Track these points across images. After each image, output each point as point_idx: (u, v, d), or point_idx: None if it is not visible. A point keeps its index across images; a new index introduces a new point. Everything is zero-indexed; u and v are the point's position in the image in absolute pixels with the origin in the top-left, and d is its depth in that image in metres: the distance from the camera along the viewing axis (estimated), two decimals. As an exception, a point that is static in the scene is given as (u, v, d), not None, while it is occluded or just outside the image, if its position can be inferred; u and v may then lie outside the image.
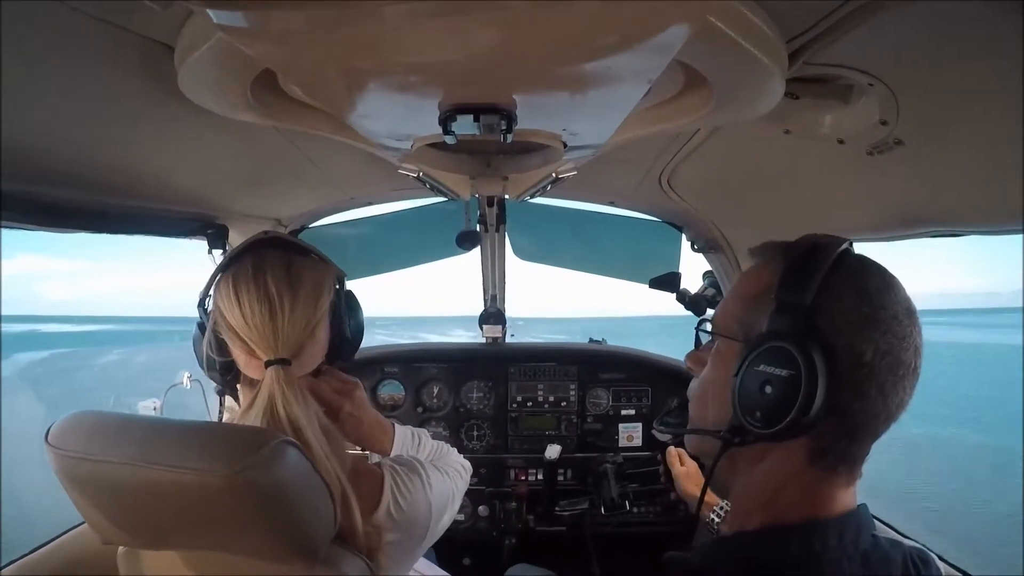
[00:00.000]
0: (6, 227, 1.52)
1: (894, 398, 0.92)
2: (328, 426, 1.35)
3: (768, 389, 0.94)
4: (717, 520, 2.03)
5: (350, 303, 1.50)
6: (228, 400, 2.31)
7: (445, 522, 1.52)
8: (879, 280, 0.95)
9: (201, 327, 1.41)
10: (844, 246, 0.98)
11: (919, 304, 0.97)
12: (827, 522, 0.93)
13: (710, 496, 2.10)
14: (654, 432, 3.00)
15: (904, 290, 0.95)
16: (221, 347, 1.37)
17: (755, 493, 1.02)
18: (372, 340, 3.29)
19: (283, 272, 1.35)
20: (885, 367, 0.90)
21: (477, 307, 3.53)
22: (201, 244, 2.38)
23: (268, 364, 1.31)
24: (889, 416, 0.93)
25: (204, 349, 1.41)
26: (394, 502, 1.36)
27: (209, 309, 1.40)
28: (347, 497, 1.26)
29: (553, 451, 2.97)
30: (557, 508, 3.08)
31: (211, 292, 1.40)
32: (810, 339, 0.91)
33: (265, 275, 1.33)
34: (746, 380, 0.98)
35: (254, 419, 1.28)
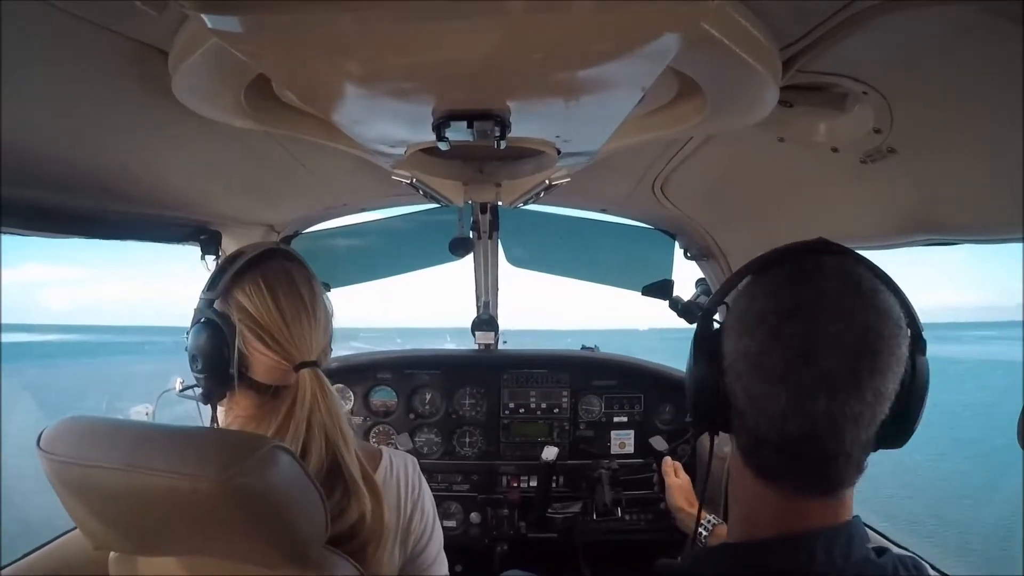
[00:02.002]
0: (-1, 232, 1.51)
1: (768, 406, 0.91)
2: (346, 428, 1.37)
3: (686, 381, 1.08)
4: (704, 534, 2.03)
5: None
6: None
7: (428, 526, 1.54)
8: (776, 285, 0.96)
9: (214, 329, 1.32)
10: (800, 247, 1.00)
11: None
12: (811, 536, 0.93)
13: (696, 510, 2.12)
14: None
15: (811, 295, 0.92)
16: (241, 352, 1.33)
17: (732, 500, 1.07)
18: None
19: (306, 281, 1.40)
20: (748, 370, 0.94)
21: (463, 318, 3.54)
22: (193, 250, 2.38)
23: (301, 367, 1.33)
24: (777, 428, 0.92)
25: (218, 352, 1.31)
26: (392, 476, 1.46)
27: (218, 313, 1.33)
28: (375, 488, 1.34)
29: (550, 452, 2.97)
30: (550, 511, 3.08)
31: (228, 294, 1.34)
32: (700, 344, 1.02)
33: (295, 281, 1.37)
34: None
35: (296, 425, 1.29)
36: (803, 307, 0.91)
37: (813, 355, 0.88)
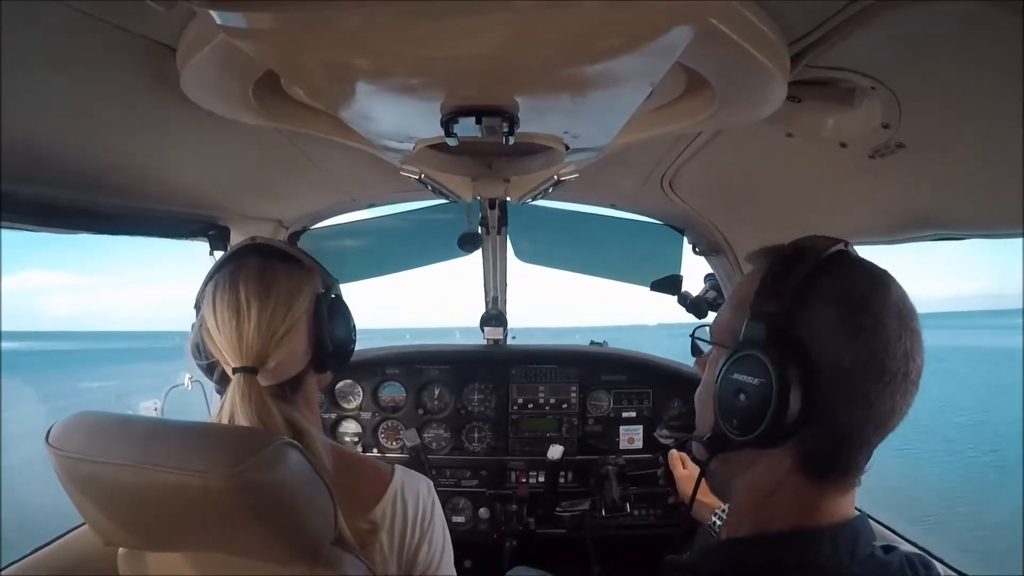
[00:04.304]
0: (8, 228, 1.52)
1: (881, 407, 0.90)
2: (304, 430, 1.33)
3: (743, 397, 0.95)
4: (719, 523, 2.02)
5: (336, 311, 1.47)
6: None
7: (436, 558, 1.46)
8: (865, 283, 0.94)
9: (193, 332, 1.41)
10: (834, 248, 0.97)
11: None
12: (821, 531, 0.93)
13: (711, 499, 2.10)
14: (656, 436, 3.02)
15: (897, 293, 0.93)
16: (206, 349, 1.38)
17: (748, 498, 1.03)
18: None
19: (256, 280, 1.34)
20: (867, 374, 0.89)
21: (470, 317, 3.54)
22: (203, 246, 2.39)
23: (235, 371, 1.31)
24: (880, 425, 0.91)
25: (196, 351, 1.41)
26: (400, 500, 1.38)
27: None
28: None
29: (555, 451, 2.97)
30: (558, 509, 3.08)
31: (202, 297, 1.40)
32: (782, 347, 0.92)
33: (238, 283, 1.33)
34: (724, 387, 0.99)
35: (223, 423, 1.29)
36: (901, 308, 0.91)
37: (915, 352, 0.91)
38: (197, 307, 1.41)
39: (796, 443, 0.94)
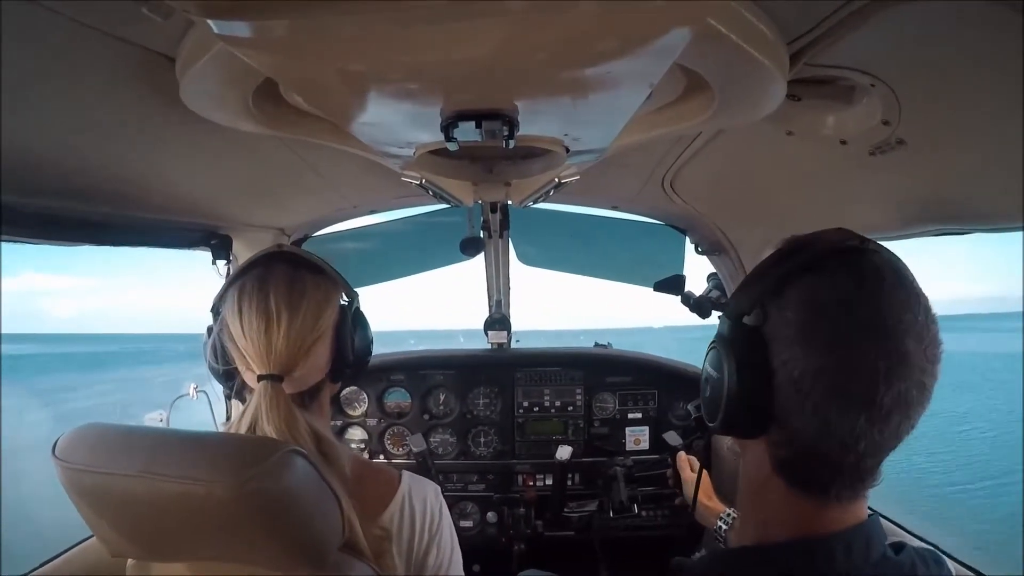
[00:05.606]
0: (10, 241, 1.52)
1: (839, 428, 0.85)
2: (325, 438, 1.33)
3: (708, 388, 1.00)
4: (724, 528, 2.01)
5: (357, 323, 1.48)
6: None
7: (445, 562, 1.45)
8: (844, 294, 0.88)
9: (210, 337, 1.41)
10: (841, 246, 0.93)
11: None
12: (830, 538, 0.91)
13: (715, 504, 2.09)
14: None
15: (885, 309, 0.85)
16: (225, 354, 1.38)
17: (745, 490, 1.03)
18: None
19: (286, 288, 1.34)
20: (821, 390, 0.86)
21: (474, 319, 3.55)
22: (205, 255, 2.39)
23: (260, 379, 1.31)
24: (846, 448, 0.87)
25: (208, 354, 1.41)
26: (408, 505, 1.38)
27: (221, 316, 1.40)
28: (345, 508, 1.26)
29: (564, 452, 2.96)
30: (566, 510, 3.08)
31: (223, 301, 1.39)
32: (741, 346, 0.92)
33: (268, 290, 1.33)
34: (703, 373, 1.03)
35: (242, 431, 1.28)
36: (884, 324, 0.85)
37: (895, 376, 0.83)
38: (215, 311, 1.41)
39: (769, 445, 0.94)
